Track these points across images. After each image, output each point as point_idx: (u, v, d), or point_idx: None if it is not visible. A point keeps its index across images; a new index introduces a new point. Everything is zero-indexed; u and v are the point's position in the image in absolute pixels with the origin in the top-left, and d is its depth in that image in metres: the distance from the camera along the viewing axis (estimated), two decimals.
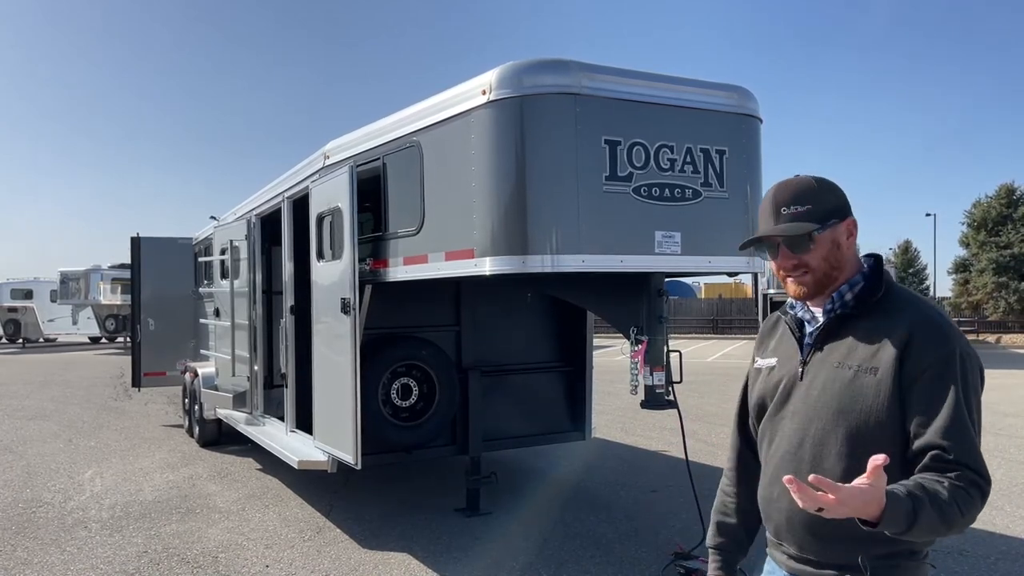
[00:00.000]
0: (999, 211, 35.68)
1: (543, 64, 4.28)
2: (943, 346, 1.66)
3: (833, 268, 1.80)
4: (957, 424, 1.61)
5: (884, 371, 1.68)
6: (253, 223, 7.61)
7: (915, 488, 1.54)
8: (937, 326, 1.69)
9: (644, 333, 4.53)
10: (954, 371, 1.64)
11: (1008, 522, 5.96)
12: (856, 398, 1.71)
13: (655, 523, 5.97)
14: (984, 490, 1.60)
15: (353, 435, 5.13)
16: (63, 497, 6.89)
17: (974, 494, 1.57)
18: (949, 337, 1.67)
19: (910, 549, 1.69)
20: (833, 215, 1.80)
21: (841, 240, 1.80)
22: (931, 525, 1.52)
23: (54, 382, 16.65)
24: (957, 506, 1.54)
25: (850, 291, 1.79)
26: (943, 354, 1.65)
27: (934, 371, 1.64)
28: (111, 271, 27.29)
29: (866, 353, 1.72)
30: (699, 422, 10.33)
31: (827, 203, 1.80)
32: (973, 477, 1.58)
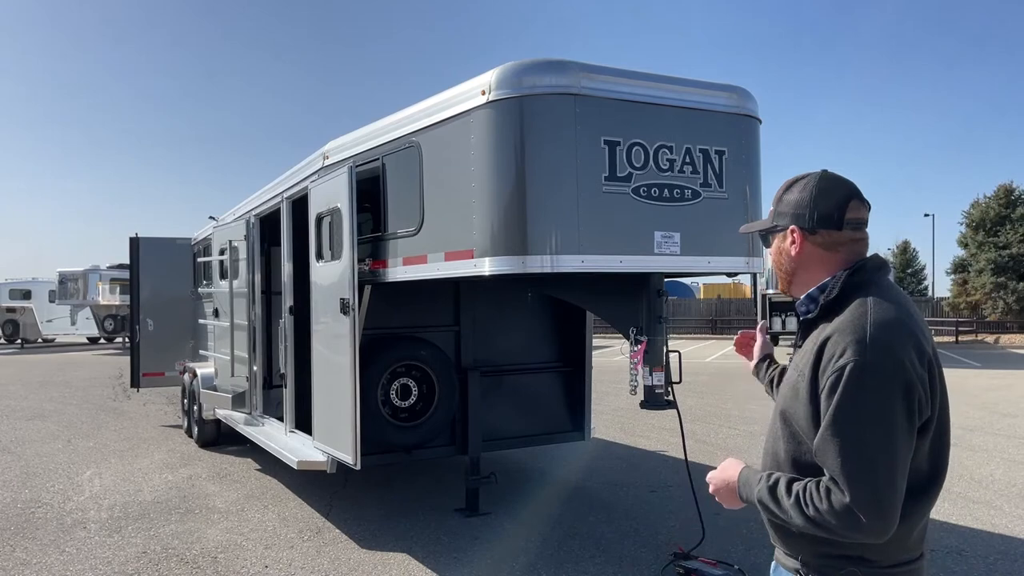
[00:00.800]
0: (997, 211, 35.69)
1: (542, 64, 4.28)
2: (840, 357, 1.66)
3: (783, 271, 1.89)
4: (827, 439, 1.64)
5: (806, 377, 1.73)
6: (252, 223, 7.61)
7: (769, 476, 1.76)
8: (846, 333, 1.68)
9: (643, 333, 4.54)
10: (844, 382, 1.63)
11: (1007, 522, 5.97)
12: (793, 400, 1.77)
13: (654, 523, 5.97)
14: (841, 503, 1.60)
15: (352, 435, 5.13)
16: (62, 498, 6.88)
17: (825, 499, 1.62)
18: (848, 348, 1.65)
19: (860, 555, 1.71)
20: (780, 220, 1.89)
21: (784, 247, 1.88)
22: (766, 507, 1.75)
23: (53, 382, 16.64)
24: (798, 502, 1.67)
25: (821, 293, 1.82)
26: (838, 365, 1.65)
27: (829, 383, 1.66)
28: (109, 271, 27.29)
29: (803, 357, 1.78)
30: (698, 422, 10.33)
31: (780, 208, 1.89)
32: (830, 484, 1.63)
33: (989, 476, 7.41)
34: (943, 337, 31.14)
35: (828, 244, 1.82)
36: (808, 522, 1.66)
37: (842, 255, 1.82)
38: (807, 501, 1.65)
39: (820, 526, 1.65)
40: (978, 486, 7.04)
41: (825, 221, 1.81)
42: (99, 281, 27.26)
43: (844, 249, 1.82)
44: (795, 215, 1.85)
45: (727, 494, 1.90)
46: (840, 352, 1.65)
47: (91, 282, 27.33)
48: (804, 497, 1.66)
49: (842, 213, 1.81)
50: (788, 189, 1.90)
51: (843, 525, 1.61)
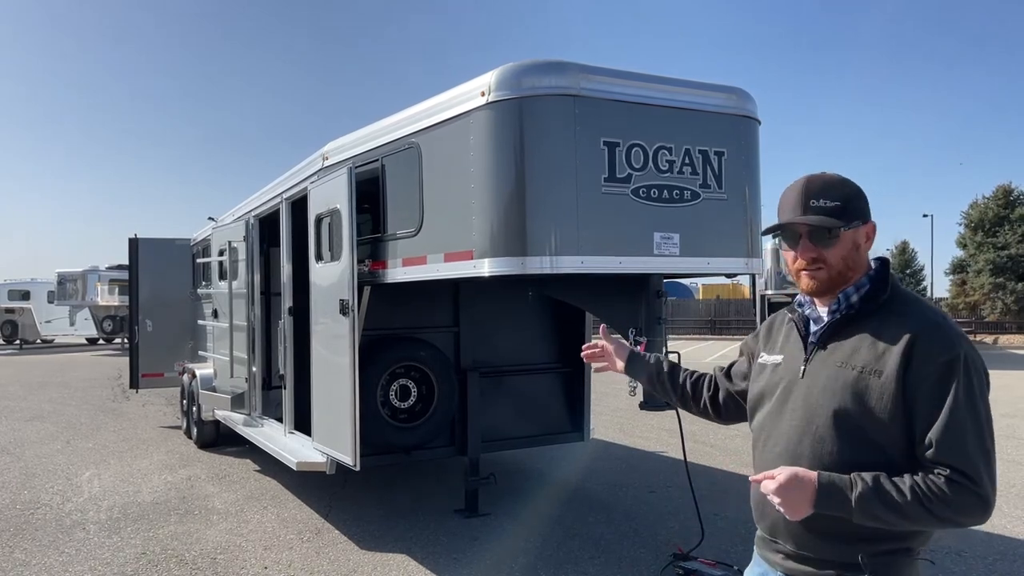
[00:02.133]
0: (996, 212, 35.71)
1: (542, 65, 4.29)
2: (947, 351, 1.67)
3: (848, 268, 1.82)
4: (949, 427, 1.65)
5: (889, 374, 1.70)
6: (251, 224, 7.61)
7: (863, 478, 1.67)
8: (942, 331, 1.71)
9: (643, 334, 4.53)
10: (956, 375, 1.66)
11: (1006, 523, 5.97)
12: (859, 398, 1.72)
13: (654, 524, 5.97)
14: (967, 488, 1.64)
15: (352, 436, 5.13)
16: (61, 498, 6.88)
17: (952, 491, 1.63)
18: (953, 342, 1.69)
19: (906, 547, 1.73)
20: (858, 216, 1.82)
21: (860, 242, 1.84)
22: (873, 512, 1.65)
23: (51, 383, 16.62)
24: (919, 499, 1.63)
25: (856, 293, 1.81)
26: (947, 359, 1.67)
27: (937, 375, 1.67)
28: (108, 272, 27.26)
29: (870, 355, 1.74)
30: (697, 423, 10.28)
31: (855, 203, 1.83)
32: (954, 476, 1.64)
33: None
34: None
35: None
36: (928, 516, 1.65)
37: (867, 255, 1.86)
38: (929, 495, 1.64)
39: (940, 519, 1.66)
40: None
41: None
42: (98, 282, 27.23)
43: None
44: (865, 211, 1.84)
45: (799, 498, 1.71)
46: (942, 347, 1.68)
47: (90, 283, 27.31)
48: (923, 491, 1.64)
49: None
50: (840, 184, 1.84)
51: (971, 513, 1.66)
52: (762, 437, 1.93)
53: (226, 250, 8.00)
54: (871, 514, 1.66)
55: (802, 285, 1.88)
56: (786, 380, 1.88)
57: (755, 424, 1.98)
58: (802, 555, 1.81)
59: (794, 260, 1.87)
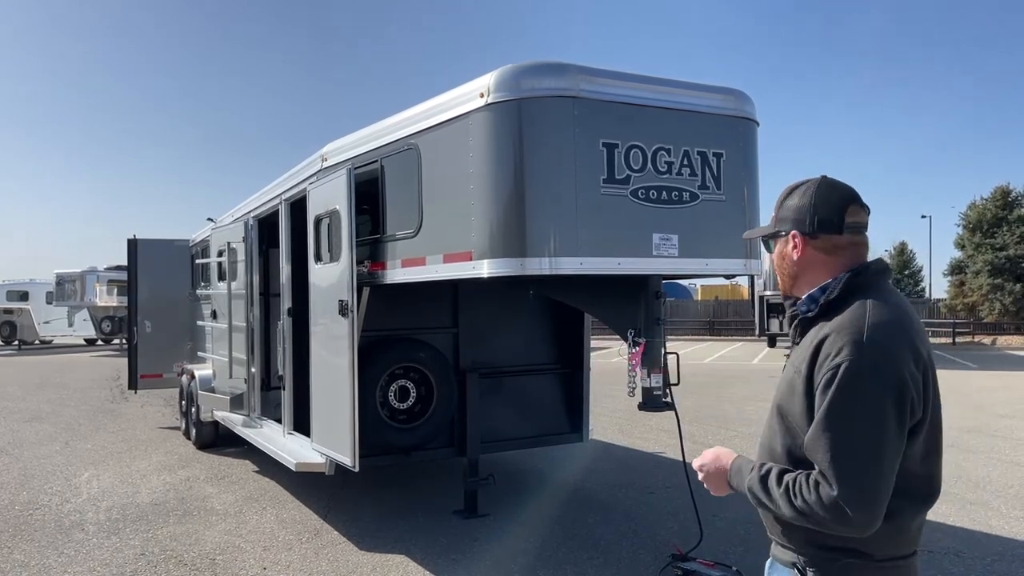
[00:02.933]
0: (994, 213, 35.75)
1: (541, 67, 4.29)
2: (838, 355, 1.70)
3: (786, 275, 1.95)
4: (818, 428, 1.70)
5: (803, 373, 1.78)
6: (250, 225, 7.61)
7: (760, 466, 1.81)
8: (842, 336, 1.72)
9: (642, 335, 4.54)
10: (837, 379, 1.68)
11: (1004, 523, 5.98)
12: (789, 395, 1.82)
13: (653, 524, 5.98)
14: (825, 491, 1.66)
15: (351, 437, 5.13)
16: (60, 499, 6.88)
17: (814, 490, 1.68)
18: (844, 348, 1.70)
19: (857, 549, 1.75)
20: (781, 225, 1.94)
21: (786, 251, 1.93)
22: (756, 497, 1.80)
23: (50, 384, 16.61)
24: (787, 492, 1.72)
25: (822, 294, 1.86)
26: (835, 363, 1.70)
27: (827, 378, 1.71)
28: (107, 273, 27.25)
29: (802, 355, 1.81)
30: (696, 424, 10.34)
31: (781, 214, 1.95)
32: (818, 476, 1.69)
33: (986, 477, 7.42)
34: (940, 339, 31.19)
35: (829, 248, 1.87)
36: (796, 513, 1.71)
37: (843, 259, 1.86)
38: (796, 492, 1.71)
39: (807, 517, 1.70)
40: (975, 487, 7.06)
41: (825, 226, 1.86)
42: (97, 282, 27.22)
43: (845, 253, 1.87)
44: (796, 220, 1.90)
45: (717, 479, 1.95)
46: (836, 351, 1.70)
47: (89, 283, 27.29)
48: (793, 488, 1.72)
49: (841, 218, 1.86)
50: (789, 195, 1.94)
51: (830, 518, 1.67)
52: None
53: (225, 251, 8.01)
54: (756, 499, 1.80)
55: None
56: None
57: None
58: (774, 539, 1.92)
59: None
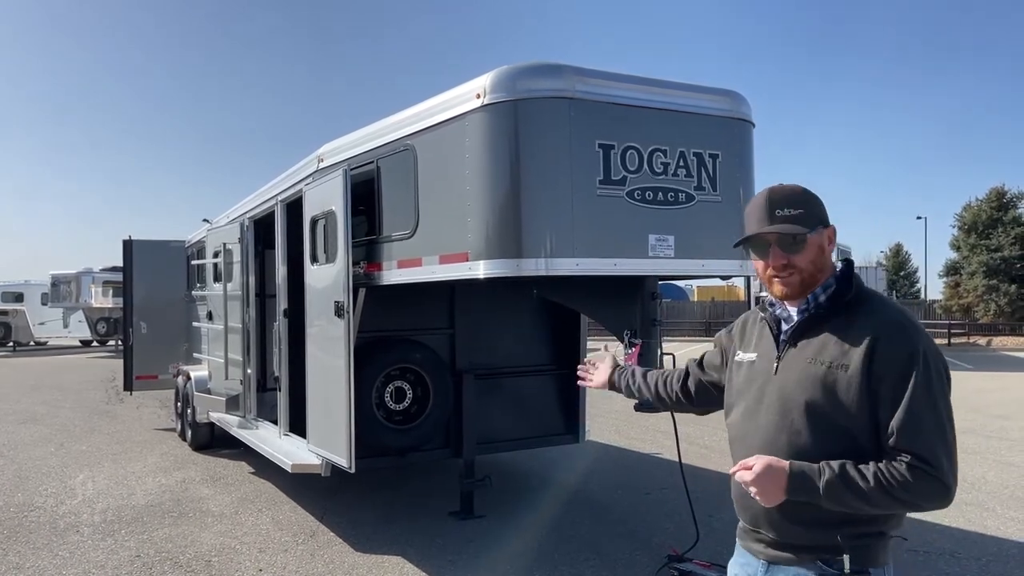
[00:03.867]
0: (989, 214, 35.84)
1: (537, 68, 4.29)
2: (908, 345, 1.80)
3: (817, 270, 1.95)
4: (909, 416, 1.77)
5: (854, 368, 1.82)
6: (246, 226, 7.60)
7: (831, 465, 1.79)
8: (902, 327, 1.83)
9: (638, 336, 4.54)
10: (916, 368, 1.78)
11: (999, 524, 5.99)
12: (829, 391, 1.84)
13: (649, 526, 5.98)
14: (926, 473, 1.74)
15: (347, 438, 5.13)
16: (55, 501, 6.86)
17: (912, 476, 1.74)
18: (912, 337, 1.81)
19: (879, 531, 1.85)
20: (820, 221, 1.96)
21: (824, 245, 1.97)
22: (840, 497, 1.77)
23: (45, 386, 16.57)
24: (881, 484, 1.74)
25: (824, 293, 1.94)
26: (907, 353, 1.79)
27: (899, 368, 1.79)
28: (103, 274, 27.19)
29: (838, 350, 1.86)
30: (692, 425, 10.34)
31: (815, 209, 1.97)
32: (914, 462, 1.75)
33: (982, 478, 7.44)
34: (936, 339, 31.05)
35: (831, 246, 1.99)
36: (890, 500, 1.76)
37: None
38: (890, 480, 1.75)
39: (901, 502, 1.77)
40: (971, 488, 7.07)
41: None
42: (92, 284, 27.16)
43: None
44: (824, 216, 1.98)
45: (772, 486, 1.83)
46: (903, 341, 1.80)
47: (84, 285, 27.23)
48: (886, 477, 1.75)
49: None
50: (800, 194, 1.98)
51: (931, 497, 1.77)
52: (740, 433, 2.04)
53: (221, 252, 7.99)
54: (838, 499, 1.78)
55: (774, 291, 2.00)
56: (761, 377, 2.00)
57: (731, 420, 2.10)
58: (784, 543, 1.91)
59: (765, 268, 1.99)
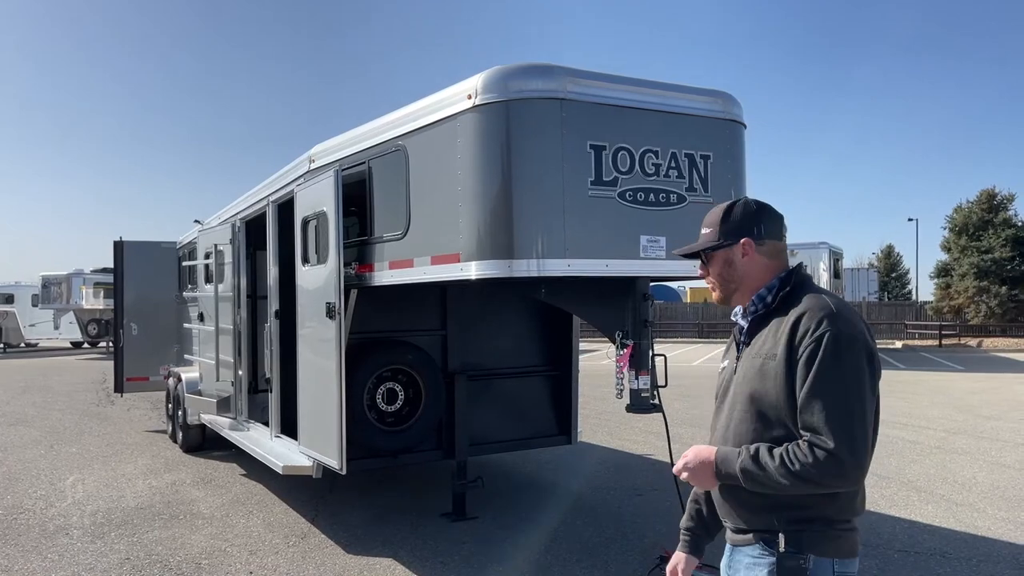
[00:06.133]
0: (980, 216, 36.02)
1: (529, 69, 4.29)
2: (817, 328, 1.88)
3: (728, 281, 2.13)
4: (810, 395, 1.86)
5: (779, 356, 1.93)
6: (238, 227, 7.58)
7: (747, 449, 1.91)
8: (816, 312, 1.92)
9: (630, 337, 4.54)
10: (822, 349, 1.86)
11: (990, 524, 6.01)
12: (762, 382, 1.96)
13: (641, 526, 5.98)
14: (821, 448, 1.81)
15: (338, 440, 5.11)
16: (44, 503, 6.82)
17: (810, 453, 1.82)
18: (824, 320, 1.89)
19: (820, 516, 1.91)
20: (728, 237, 2.11)
21: (734, 259, 2.11)
22: (753, 477, 1.89)
23: (35, 387, 16.48)
24: (784, 462, 1.84)
25: (769, 293, 2.07)
26: (816, 335, 1.88)
27: (808, 352, 1.88)
28: (93, 275, 27.10)
29: (771, 343, 1.98)
30: (684, 426, 10.36)
31: (727, 227, 2.12)
32: (812, 439, 1.84)
33: (972, 479, 7.47)
34: (926, 340, 31.40)
35: (772, 253, 2.11)
36: (794, 479, 1.83)
37: (780, 263, 2.12)
38: (792, 459, 1.83)
39: (804, 481, 1.82)
40: (961, 489, 7.10)
41: (772, 233, 2.11)
42: (83, 285, 27.07)
43: (781, 257, 2.13)
44: (744, 230, 2.10)
45: (703, 473, 2.02)
46: (815, 325, 1.89)
47: (74, 286, 27.14)
48: (788, 456, 1.84)
49: (781, 227, 2.14)
50: (729, 211, 2.13)
51: (830, 472, 1.81)
52: (711, 431, 2.20)
53: (212, 253, 7.96)
54: (753, 480, 1.89)
55: (713, 297, 2.23)
56: (727, 379, 2.15)
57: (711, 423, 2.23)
58: (737, 528, 2.04)
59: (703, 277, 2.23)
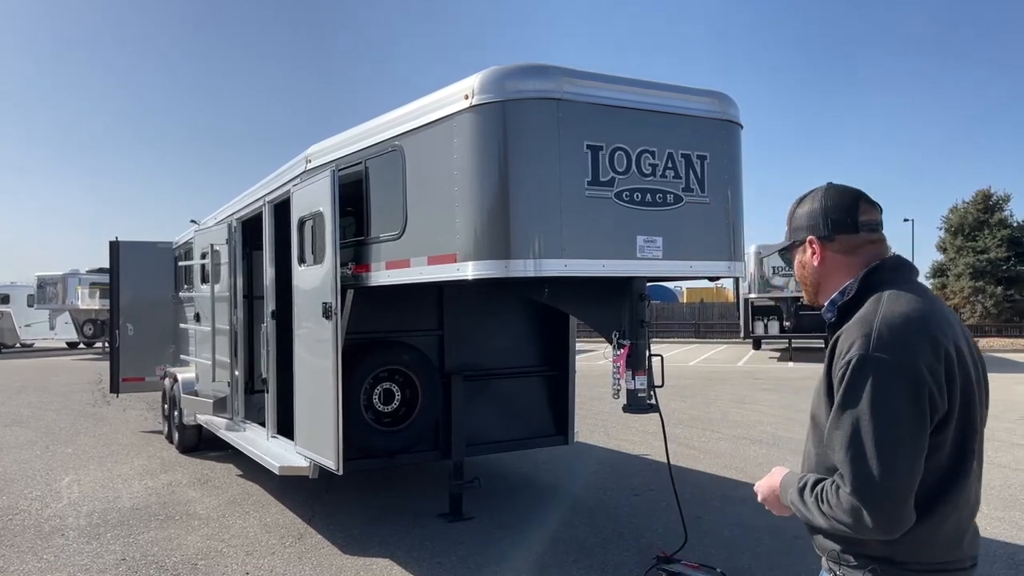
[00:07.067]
0: (976, 216, 36.13)
1: (525, 69, 4.29)
2: (848, 351, 1.70)
3: (809, 284, 1.96)
4: (831, 431, 1.70)
5: (823, 377, 1.79)
6: (234, 227, 7.57)
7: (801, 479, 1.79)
8: (855, 329, 1.72)
9: (626, 337, 4.54)
10: (849, 376, 1.68)
11: (986, 524, 6.02)
12: (817, 402, 1.82)
13: (637, 527, 5.98)
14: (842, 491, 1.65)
15: (335, 440, 5.11)
16: (40, 504, 6.80)
17: (834, 493, 1.67)
18: (855, 343, 1.69)
19: (886, 556, 1.71)
20: (796, 235, 1.97)
21: (804, 260, 1.95)
22: (798, 510, 1.78)
23: (31, 388, 16.44)
24: (817, 500, 1.71)
25: (842, 297, 1.87)
26: (845, 360, 1.70)
27: (837, 378, 1.71)
28: (89, 275, 27.02)
29: (826, 359, 1.81)
30: (681, 426, 10.36)
31: (793, 224, 1.98)
32: (836, 478, 1.68)
33: None
34: None
35: (847, 249, 1.88)
36: (825, 519, 1.69)
37: (862, 258, 1.87)
38: (823, 498, 1.69)
39: (837, 522, 1.66)
40: None
41: (840, 226, 1.88)
42: (78, 285, 26.99)
43: (863, 252, 1.88)
44: (810, 226, 1.92)
45: (774, 501, 1.92)
46: (847, 348, 1.70)
47: (70, 286, 27.06)
48: (821, 495, 1.70)
49: (855, 217, 1.88)
50: (798, 205, 1.97)
51: (851, 521, 1.63)
52: None
53: (208, 253, 7.95)
54: (797, 511, 1.79)
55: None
56: None
57: None
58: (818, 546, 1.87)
59: None
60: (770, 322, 23.12)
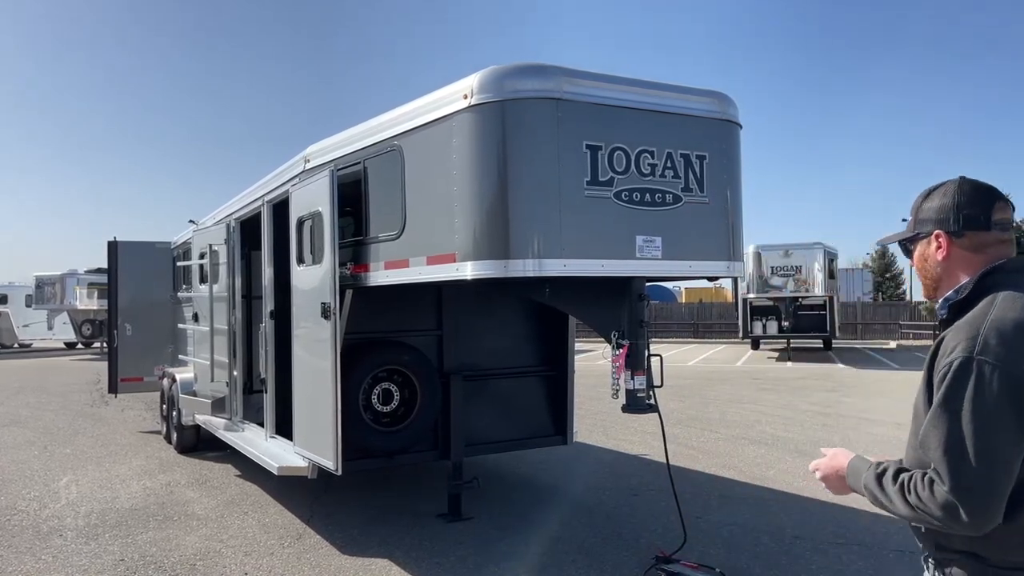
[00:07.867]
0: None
1: (524, 68, 4.29)
2: (951, 352, 1.70)
3: (929, 278, 1.91)
4: (928, 428, 1.71)
5: (925, 373, 1.79)
6: (232, 227, 7.56)
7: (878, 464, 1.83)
8: (962, 330, 1.72)
9: (625, 337, 4.54)
10: (950, 376, 1.68)
11: None
12: (919, 398, 1.82)
13: (637, 527, 5.98)
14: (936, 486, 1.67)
15: (333, 440, 5.10)
16: (38, 505, 6.79)
17: (926, 487, 1.69)
18: (960, 343, 1.69)
19: (973, 551, 1.74)
20: (922, 227, 1.90)
21: (927, 253, 1.90)
22: (872, 494, 1.82)
23: (29, 388, 16.42)
24: (902, 488, 1.74)
25: (956, 296, 1.85)
26: (948, 360, 1.70)
27: (939, 377, 1.71)
28: (87, 276, 27.04)
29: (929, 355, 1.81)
30: (680, 426, 10.36)
31: (921, 215, 1.91)
32: (933, 475, 1.69)
33: None
34: (921, 340, 31.48)
35: (975, 246, 1.84)
36: (910, 510, 1.72)
37: (988, 256, 1.83)
38: (910, 488, 1.72)
39: (921, 514, 1.71)
40: None
41: (972, 223, 1.83)
42: (77, 285, 27.00)
43: (991, 250, 1.84)
44: (939, 220, 1.87)
45: (835, 481, 1.97)
46: (952, 348, 1.69)
47: (68, 286, 27.07)
48: (908, 484, 1.73)
49: (988, 214, 1.83)
50: (928, 197, 1.92)
51: (943, 515, 1.66)
52: None
53: (207, 253, 7.94)
54: (872, 496, 1.82)
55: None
56: None
57: None
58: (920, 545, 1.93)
59: None
60: (768, 322, 23.14)
